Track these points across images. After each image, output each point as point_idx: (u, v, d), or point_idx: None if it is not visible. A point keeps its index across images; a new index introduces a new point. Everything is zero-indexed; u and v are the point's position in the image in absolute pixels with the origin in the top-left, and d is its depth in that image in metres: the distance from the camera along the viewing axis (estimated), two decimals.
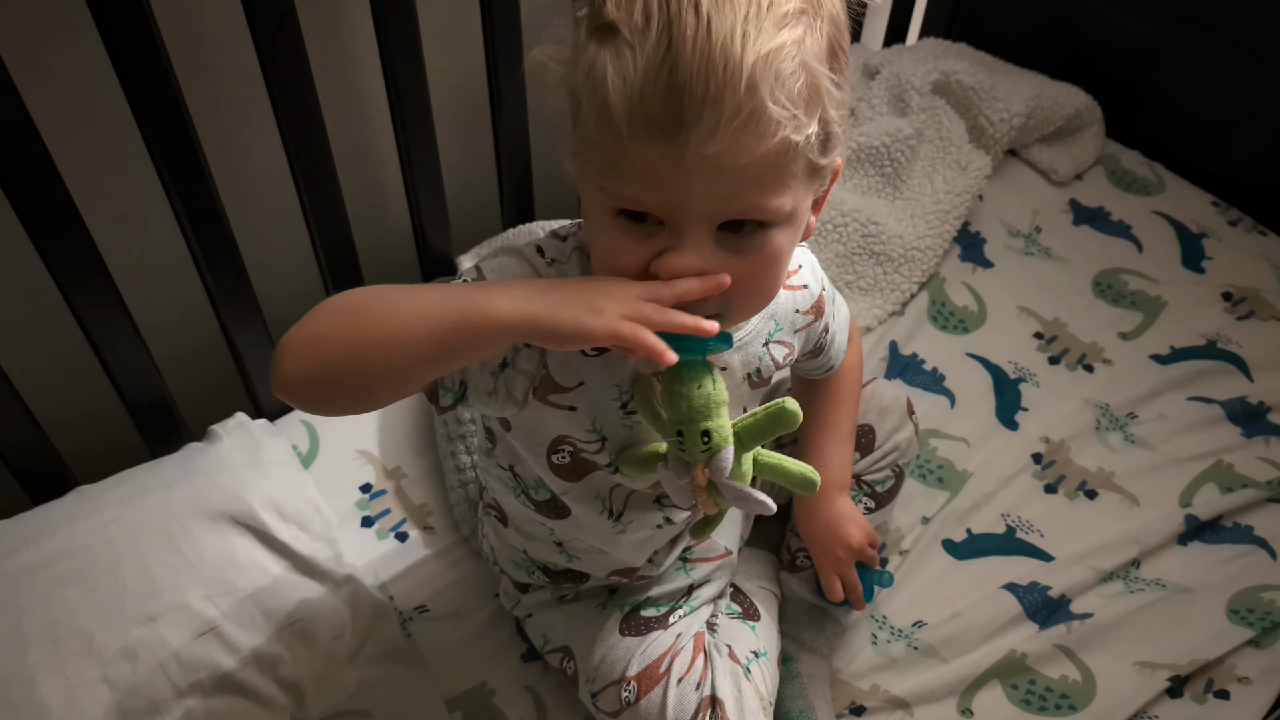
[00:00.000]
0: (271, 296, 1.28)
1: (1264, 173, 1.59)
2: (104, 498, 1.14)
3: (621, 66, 0.68)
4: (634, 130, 0.69)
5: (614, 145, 0.70)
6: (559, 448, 0.90)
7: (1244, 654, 1.17)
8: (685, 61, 0.67)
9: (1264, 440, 1.35)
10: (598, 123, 0.70)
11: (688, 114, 0.67)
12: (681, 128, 0.68)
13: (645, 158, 0.70)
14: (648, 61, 0.68)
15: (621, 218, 0.74)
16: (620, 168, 0.71)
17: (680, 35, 0.67)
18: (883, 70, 1.67)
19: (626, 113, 0.68)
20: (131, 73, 1.00)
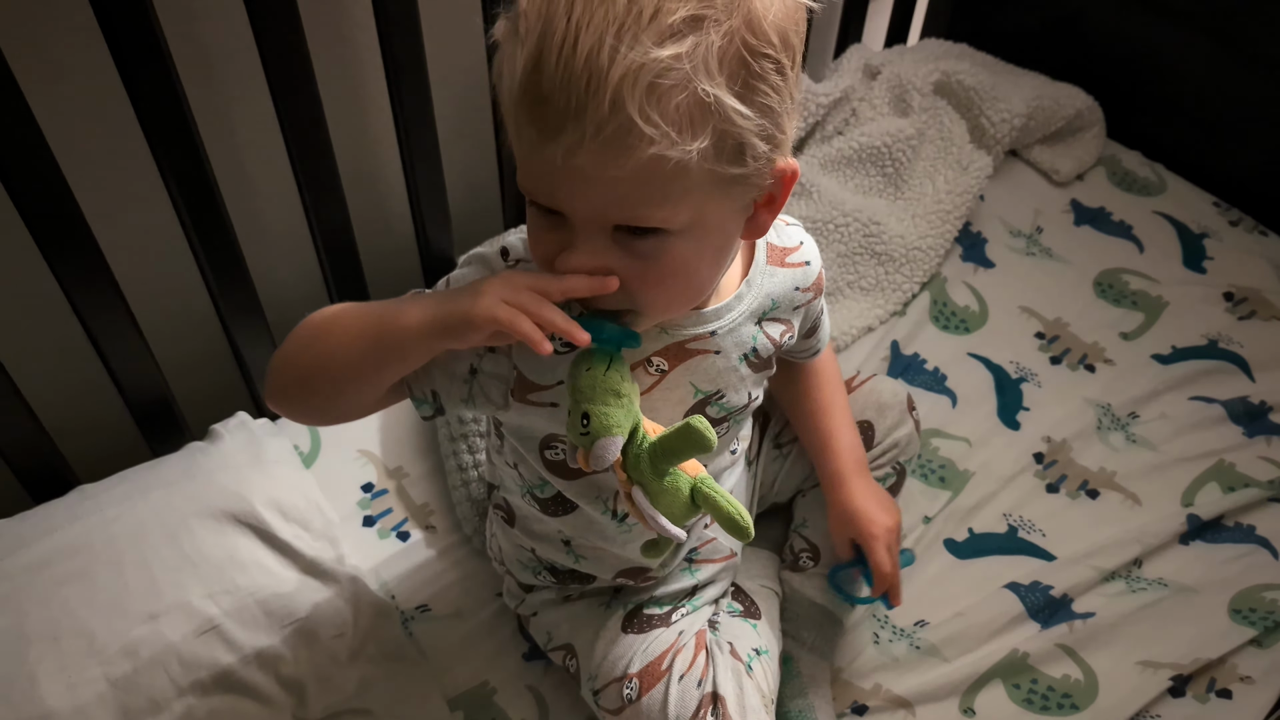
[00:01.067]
0: (274, 298, 1.29)
1: (1265, 173, 1.59)
2: (105, 497, 1.14)
3: (510, 63, 0.69)
4: (518, 128, 0.70)
5: (513, 134, 0.72)
6: (550, 444, 0.91)
7: (1246, 653, 1.17)
8: (549, 72, 0.66)
9: (1265, 440, 1.35)
10: (507, 119, 0.71)
11: (551, 123, 0.67)
12: (550, 135, 0.67)
13: (531, 157, 0.70)
14: (524, 64, 0.67)
15: (534, 207, 0.75)
16: (520, 160, 0.72)
17: (548, 42, 0.66)
18: (884, 71, 1.67)
19: (512, 109, 0.70)
20: (135, 77, 1.00)
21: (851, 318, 1.45)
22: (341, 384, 0.82)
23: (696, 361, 0.88)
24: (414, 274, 1.40)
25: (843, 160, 1.57)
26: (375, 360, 0.80)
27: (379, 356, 0.79)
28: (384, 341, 0.78)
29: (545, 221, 0.75)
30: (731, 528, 0.78)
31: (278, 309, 1.30)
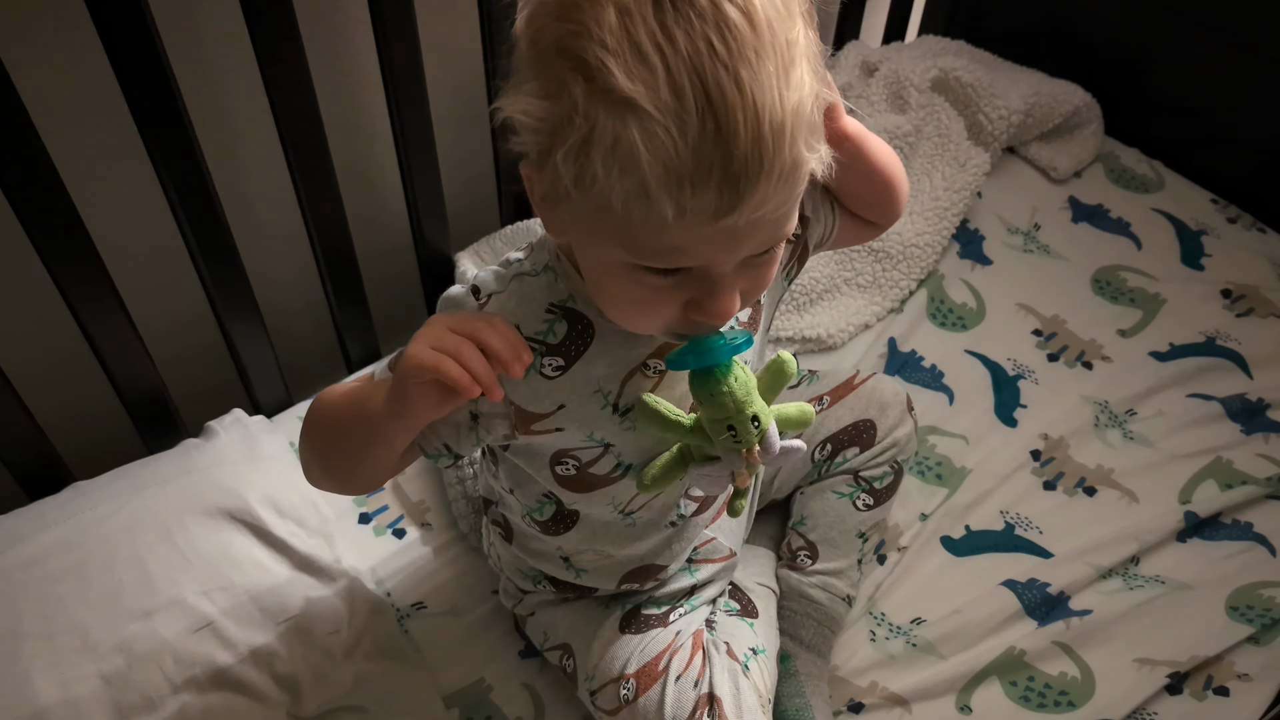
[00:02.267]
0: (270, 294, 1.28)
1: (1263, 170, 1.58)
2: (100, 494, 1.14)
3: (660, 150, 0.63)
4: (682, 216, 0.65)
5: (653, 225, 0.66)
6: (562, 460, 0.90)
7: (1243, 651, 1.16)
8: (740, 146, 0.63)
9: (1263, 437, 1.35)
10: (630, 202, 0.66)
11: (744, 194, 0.65)
12: (735, 207, 0.65)
13: (691, 233, 0.67)
14: (695, 148, 0.63)
15: (644, 272, 0.71)
16: (659, 241, 0.68)
17: (728, 116, 0.62)
18: (881, 68, 1.67)
19: (674, 200, 0.65)
20: (130, 73, 1.00)
21: (849, 315, 1.44)
22: (352, 466, 0.88)
23: None
24: (410, 271, 1.40)
25: None
26: (366, 446, 0.84)
27: (367, 443, 0.84)
28: (365, 430, 0.83)
29: (664, 283, 0.72)
30: (802, 423, 0.86)
31: (273, 305, 1.30)
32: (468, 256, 1.40)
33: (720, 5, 0.62)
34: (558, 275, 0.83)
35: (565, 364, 0.83)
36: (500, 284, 0.84)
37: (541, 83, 0.67)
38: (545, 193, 0.72)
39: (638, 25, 0.62)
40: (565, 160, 0.66)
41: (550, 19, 0.66)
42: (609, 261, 0.72)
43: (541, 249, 0.85)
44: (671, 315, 0.74)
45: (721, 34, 0.62)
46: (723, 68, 0.62)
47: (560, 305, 0.83)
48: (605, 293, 0.76)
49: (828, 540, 1.14)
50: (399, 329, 1.45)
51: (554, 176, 0.68)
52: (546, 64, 0.66)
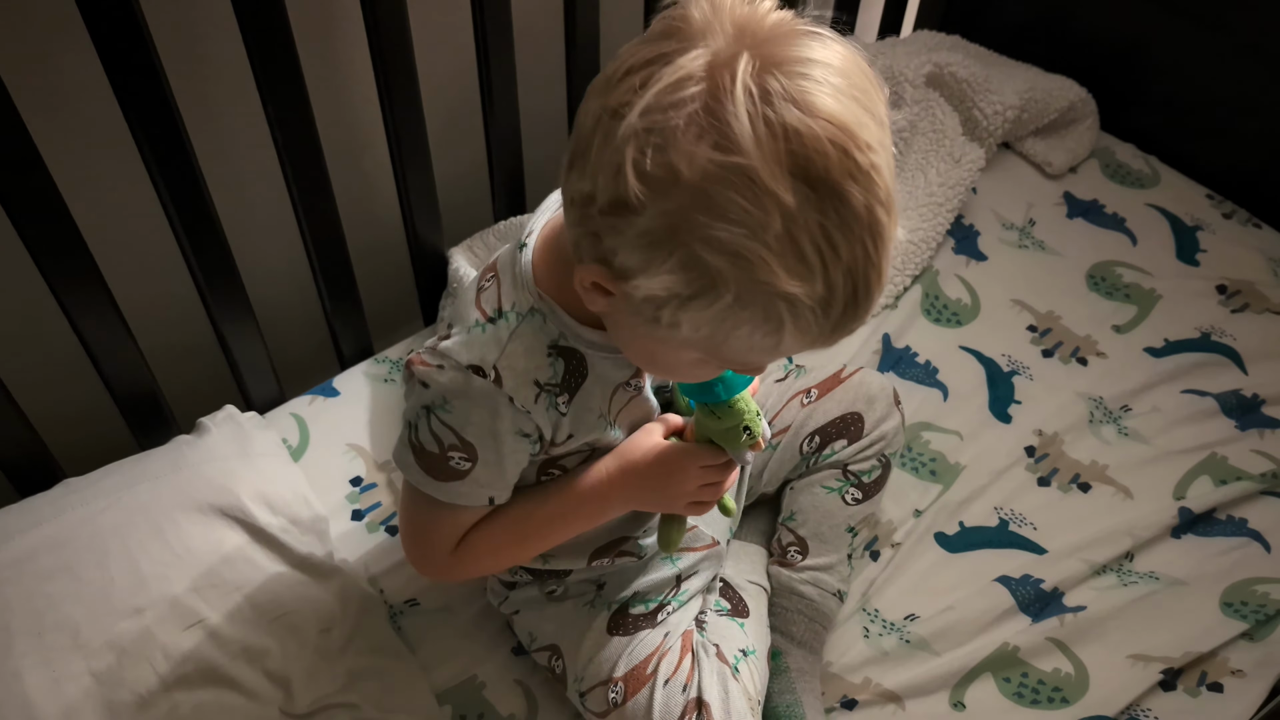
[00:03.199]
0: (262, 290, 1.28)
1: (1258, 165, 1.58)
2: (91, 490, 1.13)
3: (804, 327, 0.71)
4: (803, 349, 0.75)
5: (768, 356, 0.80)
6: (548, 470, 0.95)
7: (1237, 647, 1.17)
8: (869, 314, 0.73)
9: (1258, 433, 1.35)
10: (754, 351, 0.76)
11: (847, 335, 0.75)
12: (835, 343, 0.75)
13: (795, 351, 0.77)
14: (837, 323, 0.71)
15: (713, 362, 0.81)
16: (759, 362, 0.82)
17: (869, 299, 0.71)
18: (876, 63, 1.65)
19: (803, 346, 0.74)
20: (119, 65, 0.99)
21: None
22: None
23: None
24: (403, 266, 1.39)
25: None
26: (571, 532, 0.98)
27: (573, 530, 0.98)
28: (581, 525, 0.97)
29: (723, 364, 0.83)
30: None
31: (265, 302, 1.29)
32: (461, 252, 1.39)
33: (873, 211, 0.67)
34: (545, 316, 0.85)
35: (570, 398, 0.87)
36: (495, 348, 0.84)
37: (681, 260, 0.68)
38: (627, 309, 0.75)
39: (801, 231, 0.66)
40: (696, 319, 0.71)
41: (691, 203, 0.67)
42: (686, 361, 0.81)
43: (518, 289, 0.85)
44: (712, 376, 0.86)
45: (875, 238, 0.68)
46: (873, 267, 0.69)
47: (555, 345, 0.85)
48: (656, 368, 0.89)
49: (817, 535, 1.14)
50: (392, 325, 1.45)
51: (656, 311, 0.72)
52: (686, 246, 0.68)
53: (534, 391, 0.85)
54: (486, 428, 0.85)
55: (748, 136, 0.64)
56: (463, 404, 0.85)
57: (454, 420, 0.85)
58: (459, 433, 0.85)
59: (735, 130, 0.64)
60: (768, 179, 0.64)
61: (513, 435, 0.86)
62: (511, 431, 0.86)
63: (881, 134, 0.68)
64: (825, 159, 0.65)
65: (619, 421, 0.93)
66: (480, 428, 0.85)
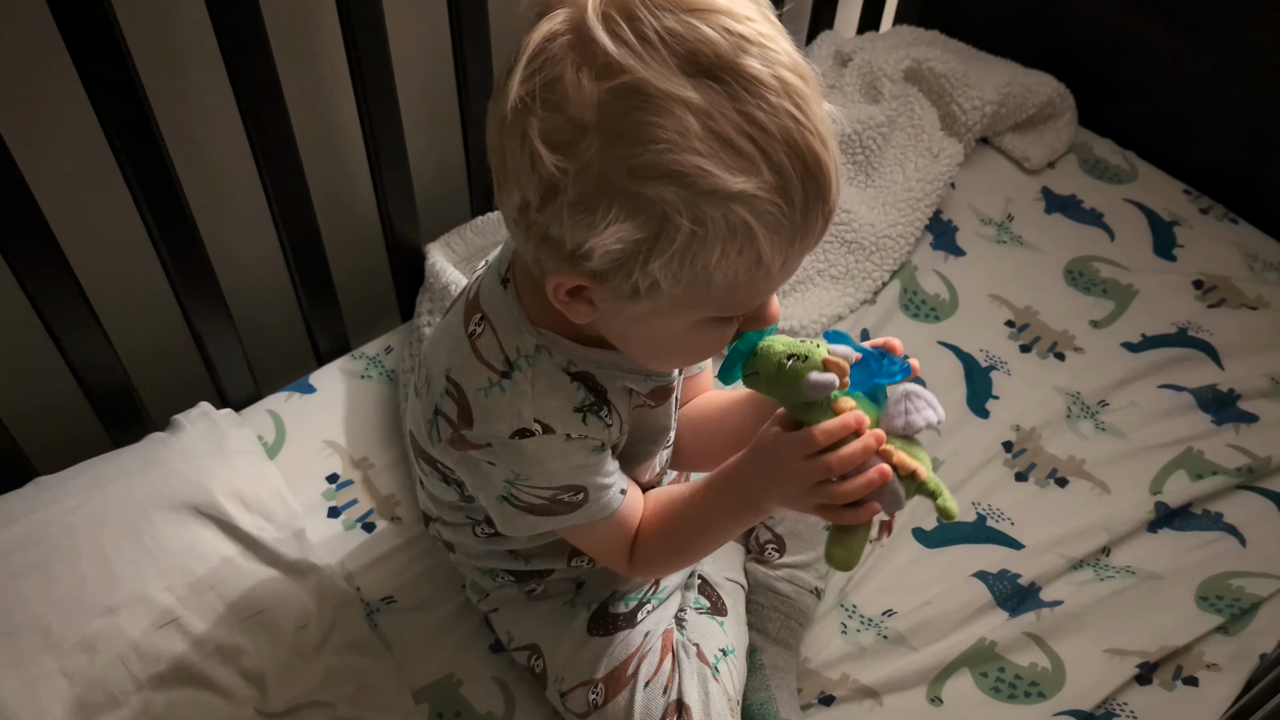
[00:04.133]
0: (237, 287, 1.27)
1: (1235, 160, 1.59)
2: (63, 488, 1.12)
3: (773, 223, 0.68)
4: (788, 260, 0.72)
5: (757, 278, 0.72)
6: None
7: (1213, 641, 1.17)
8: (832, 188, 0.70)
9: (1234, 428, 1.35)
10: (740, 274, 0.70)
11: (829, 223, 0.72)
12: (822, 235, 0.73)
13: (782, 274, 0.73)
14: (803, 209, 0.68)
15: (720, 322, 0.77)
16: (760, 288, 0.74)
17: (821, 172, 0.68)
18: (855, 58, 1.66)
19: (784, 253, 0.70)
20: (89, 58, 0.98)
21: (821, 306, 1.44)
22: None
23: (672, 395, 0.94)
24: (380, 262, 1.38)
25: None
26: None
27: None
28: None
29: (728, 323, 0.78)
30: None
31: (241, 298, 1.28)
32: (438, 248, 1.38)
33: (781, 76, 0.66)
34: (550, 350, 0.83)
35: (609, 409, 0.86)
36: (527, 403, 0.82)
37: (623, 207, 0.67)
38: (606, 296, 0.73)
39: (722, 122, 0.65)
40: (666, 262, 0.69)
41: (606, 144, 0.66)
42: (683, 330, 0.77)
43: (516, 331, 0.83)
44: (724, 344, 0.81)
45: (795, 101, 0.66)
46: (809, 132, 0.66)
47: (570, 372, 0.84)
48: (665, 353, 0.82)
49: (794, 533, 1.14)
50: (368, 321, 1.45)
51: (634, 282, 0.71)
52: (621, 189, 0.67)
53: (579, 416, 0.84)
54: (568, 468, 0.85)
55: (625, 53, 0.64)
56: (537, 468, 0.84)
57: (538, 482, 0.85)
58: (550, 485, 0.85)
59: (612, 52, 0.64)
60: (663, 85, 0.64)
61: (590, 455, 0.86)
62: (587, 454, 0.85)
63: (757, 9, 0.68)
64: (711, 44, 0.64)
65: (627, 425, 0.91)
66: (564, 472, 0.85)
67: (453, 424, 0.86)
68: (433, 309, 1.33)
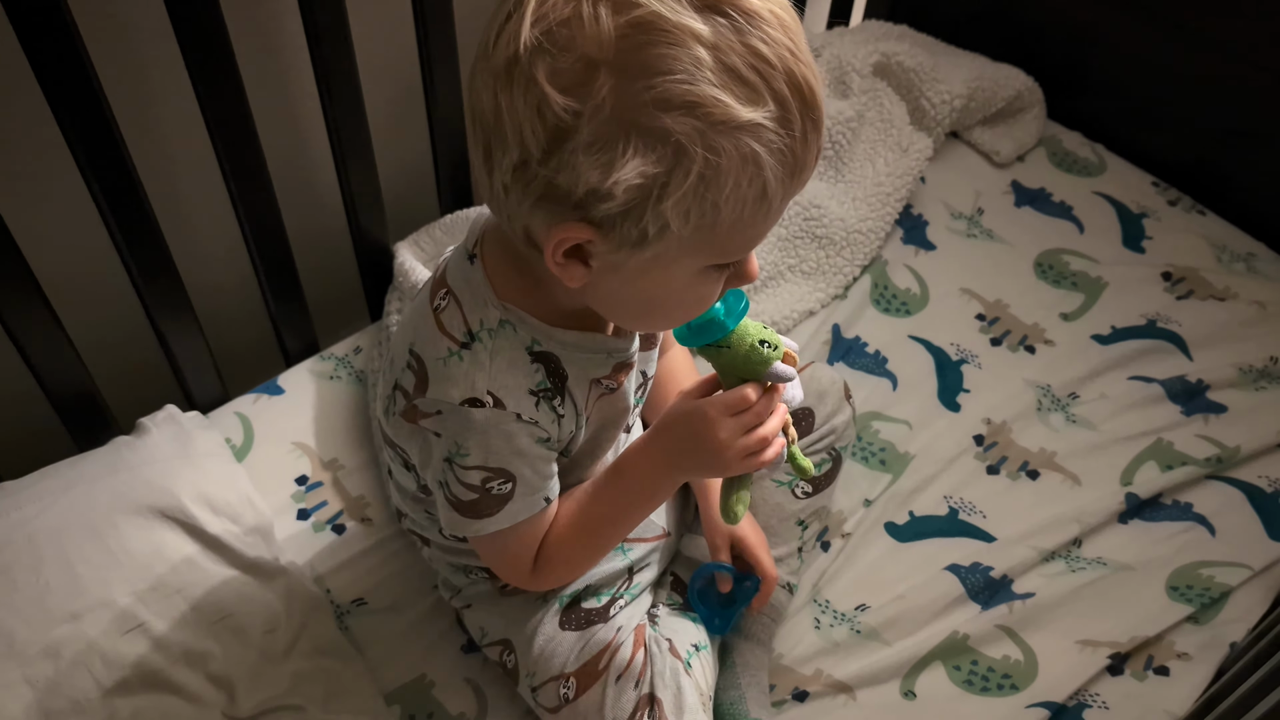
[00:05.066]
0: (202, 287, 1.26)
1: (1202, 152, 1.59)
2: (26, 494, 1.11)
3: (778, 153, 0.69)
4: (786, 197, 0.73)
5: (760, 214, 0.73)
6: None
7: (1183, 630, 1.18)
8: (821, 114, 0.71)
9: (1203, 418, 1.36)
10: (744, 208, 0.71)
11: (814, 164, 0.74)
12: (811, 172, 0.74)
13: (777, 214, 0.75)
14: (803, 140, 0.70)
15: (712, 271, 0.77)
16: (761, 227, 0.75)
17: (816, 102, 0.70)
18: (824, 52, 1.66)
19: (784, 188, 0.72)
20: (46, 57, 0.96)
21: (792, 301, 1.44)
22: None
23: (631, 371, 0.93)
24: (347, 261, 1.37)
25: None
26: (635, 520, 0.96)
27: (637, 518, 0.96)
28: (640, 514, 0.96)
29: (721, 275, 0.79)
30: None
31: (206, 299, 1.27)
32: (407, 247, 1.37)
33: (775, 12, 0.69)
34: (515, 326, 0.83)
35: (562, 399, 0.86)
36: (482, 372, 0.82)
37: (641, 141, 0.67)
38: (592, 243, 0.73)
39: (730, 55, 0.67)
40: (679, 200, 0.69)
41: (620, 79, 0.67)
42: (684, 282, 0.77)
43: (481, 305, 0.84)
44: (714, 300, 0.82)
45: (789, 36, 0.69)
46: (804, 65, 0.69)
47: (531, 351, 0.84)
48: (657, 310, 0.81)
49: (767, 528, 1.14)
50: (336, 321, 1.43)
51: (643, 226, 0.71)
52: (638, 124, 0.67)
53: (533, 400, 0.84)
54: (508, 450, 0.84)
55: None
56: (477, 440, 0.84)
57: (475, 459, 0.84)
58: (485, 465, 0.85)
59: None
60: (676, 18, 0.66)
61: (533, 443, 0.85)
62: (530, 441, 0.85)
63: None
64: None
65: (590, 419, 0.91)
66: (502, 453, 0.84)
67: (407, 395, 0.86)
68: (401, 308, 1.32)
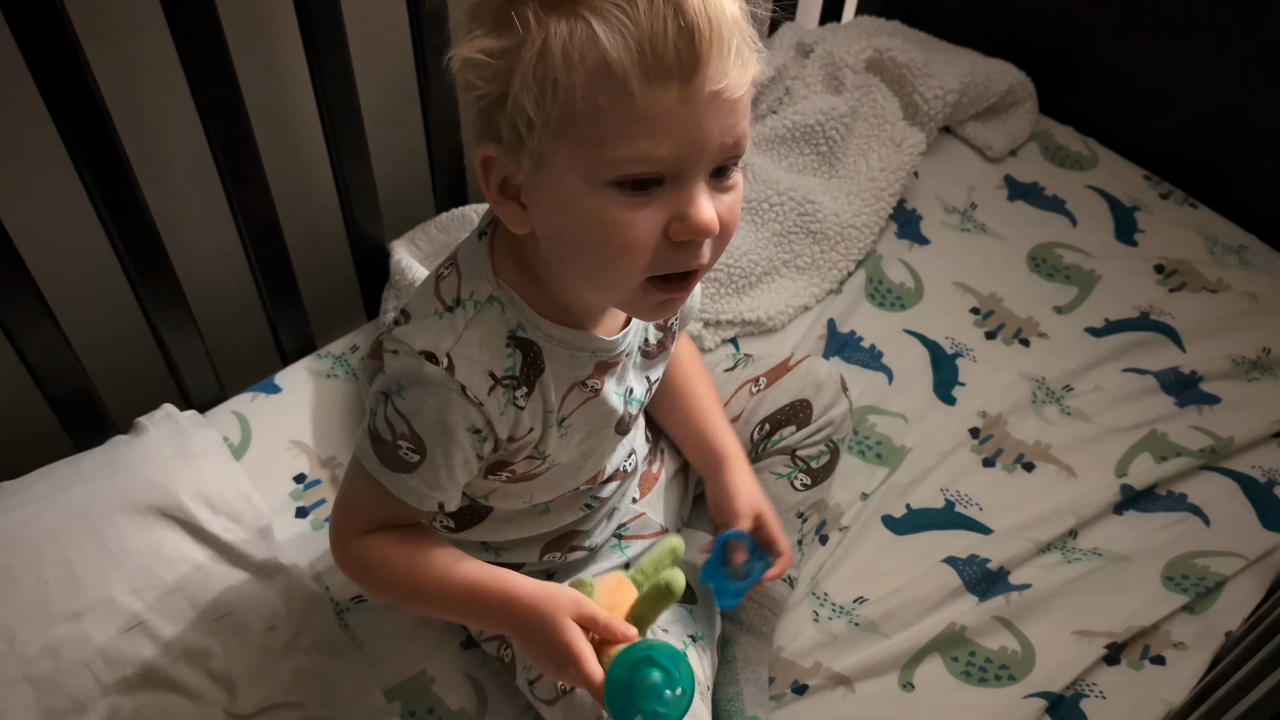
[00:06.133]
0: (198, 286, 1.26)
1: (1193, 145, 1.60)
2: (25, 493, 1.11)
3: (616, 24, 0.68)
4: (647, 78, 0.69)
5: (620, 103, 0.70)
6: (497, 472, 0.92)
7: (1179, 620, 1.18)
8: (690, 7, 0.68)
9: (1196, 409, 1.37)
10: (592, 89, 0.69)
11: (700, 51, 0.69)
12: (696, 67, 0.70)
13: (659, 105, 0.70)
14: (648, 14, 0.68)
15: (619, 191, 0.73)
16: (629, 126, 0.71)
17: None
18: (817, 48, 1.67)
19: (637, 63, 0.69)
20: (41, 56, 0.96)
21: (788, 297, 1.44)
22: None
23: (615, 371, 0.92)
24: (344, 259, 1.37)
25: (776, 139, 1.56)
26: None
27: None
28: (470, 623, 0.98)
29: (640, 200, 0.74)
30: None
31: (203, 297, 1.27)
32: (403, 245, 1.38)
33: None
34: (504, 305, 0.84)
35: (529, 391, 0.86)
36: (451, 334, 0.83)
37: (489, 26, 0.72)
38: (510, 173, 0.75)
39: None
40: (525, 83, 0.70)
41: None
42: (584, 205, 0.74)
43: (477, 278, 0.84)
44: (655, 243, 0.75)
45: None
46: None
47: (513, 336, 0.84)
48: (584, 248, 0.77)
49: None
50: (333, 319, 1.44)
51: (512, 122, 0.72)
52: (491, 6, 0.72)
53: (488, 384, 0.83)
54: (436, 419, 0.83)
55: None
56: (415, 390, 0.83)
57: (406, 408, 0.84)
58: (410, 422, 0.84)
59: None
60: None
61: (464, 430, 0.84)
62: (463, 425, 0.84)
63: None
64: None
65: (572, 423, 0.90)
66: (430, 419, 0.83)
67: (380, 342, 0.87)
68: (398, 306, 1.32)
